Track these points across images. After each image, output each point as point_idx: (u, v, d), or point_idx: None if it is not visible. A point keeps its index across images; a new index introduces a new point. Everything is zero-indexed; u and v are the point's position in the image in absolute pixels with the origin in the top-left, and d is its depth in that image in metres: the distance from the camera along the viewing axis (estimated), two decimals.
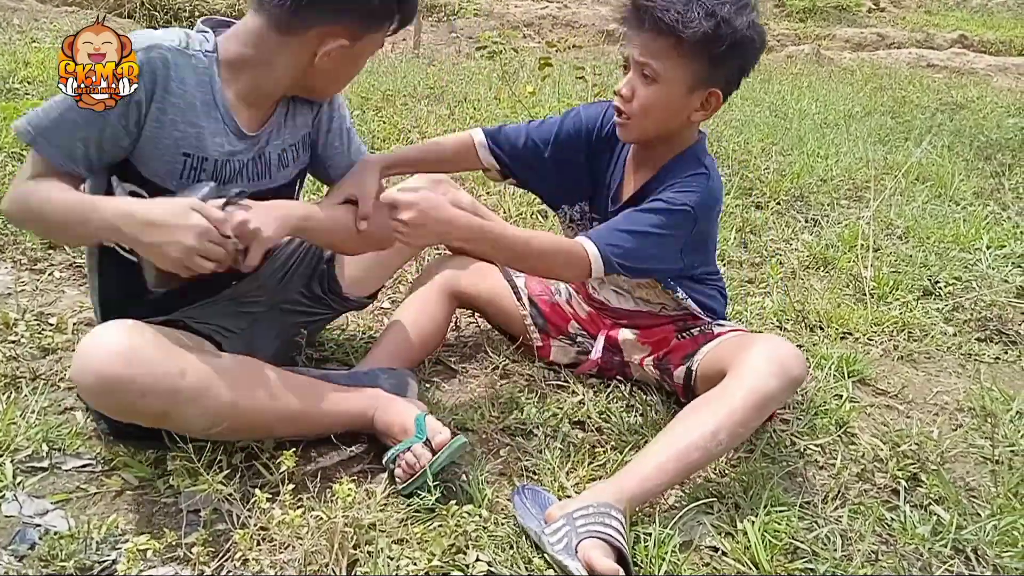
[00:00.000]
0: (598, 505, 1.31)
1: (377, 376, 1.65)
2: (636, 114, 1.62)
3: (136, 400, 1.26)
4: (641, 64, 1.58)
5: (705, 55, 1.54)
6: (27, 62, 4.17)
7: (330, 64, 1.47)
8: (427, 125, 4.06)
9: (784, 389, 1.51)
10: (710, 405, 1.49)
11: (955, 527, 1.45)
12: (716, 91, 1.61)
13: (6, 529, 1.28)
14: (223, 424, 1.36)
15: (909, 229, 3.27)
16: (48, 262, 2.28)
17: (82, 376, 1.27)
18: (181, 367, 1.30)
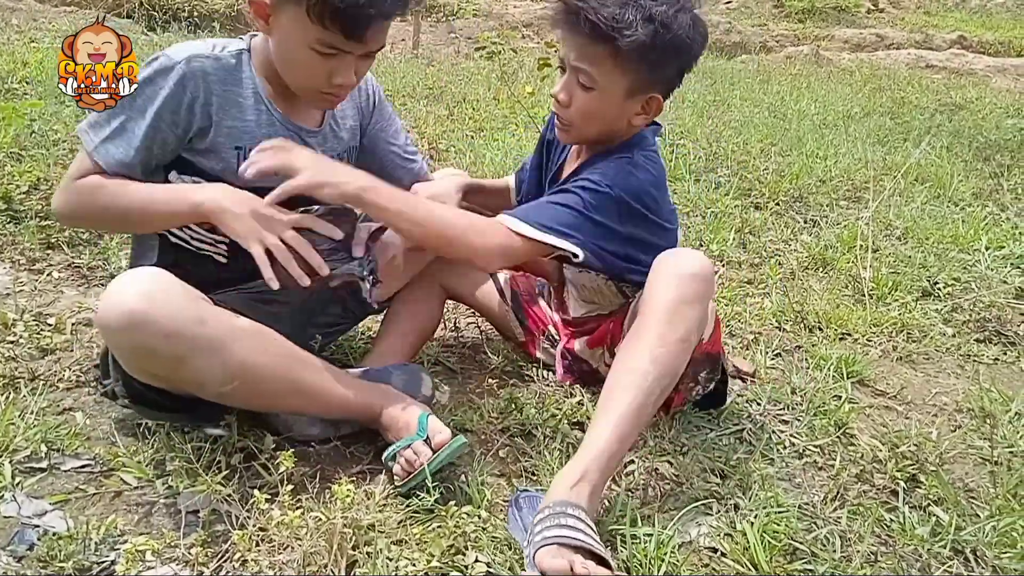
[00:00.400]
0: (554, 505, 1.27)
1: (390, 373, 1.66)
2: (575, 120, 1.60)
3: (158, 342, 1.27)
4: (577, 70, 1.54)
5: (643, 62, 1.49)
6: (25, 62, 4.16)
7: (267, 32, 1.47)
8: (426, 125, 4.06)
9: (685, 287, 1.44)
10: (626, 345, 1.45)
11: (954, 528, 1.45)
12: (656, 96, 1.58)
13: (5, 530, 1.28)
14: (235, 382, 1.35)
15: (908, 230, 3.28)
16: (47, 262, 2.28)
17: (107, 313, 1.29)
18: (202, 315, 1.32)
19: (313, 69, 1.46)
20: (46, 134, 2.96)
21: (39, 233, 2.36)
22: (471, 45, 7.59)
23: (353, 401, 1.53)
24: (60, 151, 2.80)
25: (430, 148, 3.73)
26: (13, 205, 2.45)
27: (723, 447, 1.69)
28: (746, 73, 7.23)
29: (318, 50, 1.42)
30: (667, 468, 1.59)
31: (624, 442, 1.38)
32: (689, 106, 5.20)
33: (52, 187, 2.53)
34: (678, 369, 1.46)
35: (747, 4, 11.28)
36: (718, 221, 3.15)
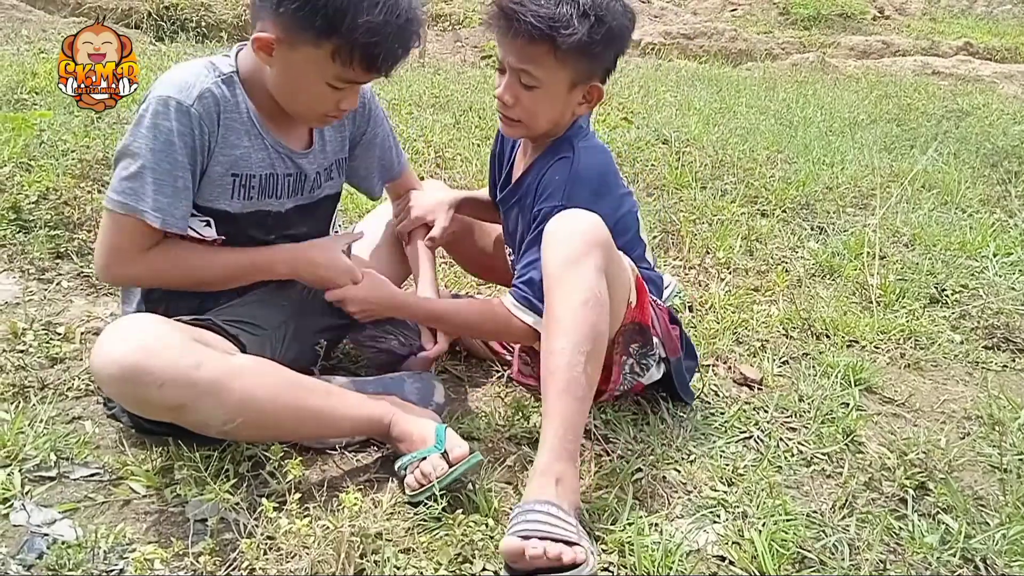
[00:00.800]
0: (521, 505, 1.30)
1: (403, 382, 1.67)
2: (523, 118, 1.64)
3: (154, 391, 1.28)
4: (518, 71, 1.57)
5: (582, 55, 1.54)
6: (35, 72, 4.18)
7: (271, 64, 1.46)
8: (432, 133, 4.06)
9: (565, 245, 1.43)
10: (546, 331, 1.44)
11: (963, 536, 1.45)
12: (597, 84, 1.63)
13: (14, 538, 1.28)
14: (238, 420, 1.36)
15: (915, 236, 3.27)
16: (56, 272, 2.29)
17: (102, 365, 1.29)
18: (198, 360, 1.32)
19: (323, 100, 1.50)
20: (55, 144, 2.97)
21: (48, 243, 2.37)
22: (477, 54, 7.61)
23: (359, 420, 1.53)
24: (69, 161, 2.81)
25: (436, 156, 3.73)
26: (23, 215, 2.46)
27: (731, 455, 1.69)
28: (752, 80, 7.23)
29: (334, 85, 1.47)
30: (675, 475, 1.59)
31: (572, 423, 1.38)
32: (695, 113, 5.20)
33: (61, 197, 2.54)
34: (593, 332, 1.41)
35: (752, 12, 11.28)
36: (724, 228, 3.14)
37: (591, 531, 1.40)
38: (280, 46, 1.42)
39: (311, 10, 1.36)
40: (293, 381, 1.46)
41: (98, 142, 3.02)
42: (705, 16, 10.95)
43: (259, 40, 1.42)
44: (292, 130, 1.61)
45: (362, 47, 1.40)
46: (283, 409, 1.42)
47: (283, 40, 1.41)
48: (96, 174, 2.80)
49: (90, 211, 2.52)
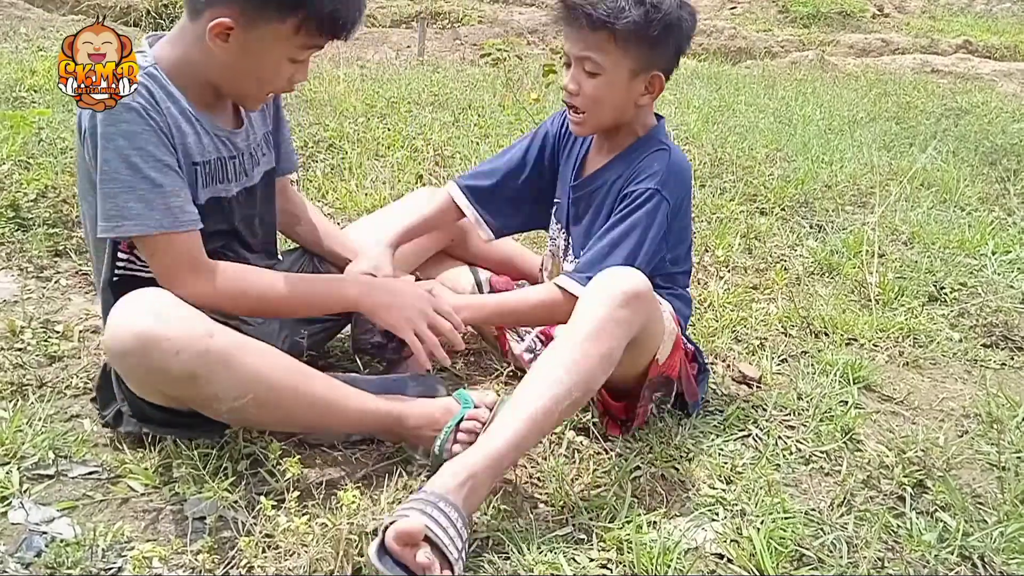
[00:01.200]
0: (428, 493, 1.26)
1: (405, 383, 1.65)
2: (587, 108, 1.69)
3: (170, 359, 1.28)
4: (582, 59, 1.65)
5: (641, 41, 1.61)
6: (34, 70, 4.18)
7: (224, 52, 1.42)
8: (431, 132, 4.06)
9: (614, 305, 1.45)
10: (547, 353, 1.46)
11: (962, 534, 1.45)
12: (658, 74, 1.68)
13: (12, 537, 1.28)
14: (248, 395, 1.34)
15: (914, 235, 3.27)
16: (54, 270, 2.29)
17: (116, 335, 1.29)
18: (210, 329, 1.32)
19: (279, 76, 1.49)
20: (54, 142, 2.97)
21: (47, 240, 2.37)
22: (476, 52, 7.60)
23: (368, 411, 1.51)
24: (68, 159, 2.81)
25: (436, 154, 3.73)
26: (21, 213, 2.46)
27: (729, 453, 1.69)
28: (751, 78, 7.23)
29: (293, 58, 1.47)
30: (673, 474, 1.59)
31: (521, 448, 1.39)
32: (694, 111, 5.20)
33: (60, 195, 2.54)
34: (594, 383, 1.46)
35: (752, 10, 11.29)
36: (723, 227, 3.15)
37: (590, 529, 1.40)
38: (238, 29, 1.39)
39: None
40: (303, 368, 1.45)
41: None
42: (704, 14, 10.94)
43: (217, 27, 1.39)
44: (220, 112, 1.58)
45: (328, 15, 1.41)
46: (293, 392, 1.41)
47: (241, 22, 1.39)
48: None
49: None
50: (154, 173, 1.38)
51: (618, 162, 1.76)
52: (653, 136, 1.76)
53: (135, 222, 1.38)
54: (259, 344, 1.41)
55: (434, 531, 1.19)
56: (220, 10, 1.39)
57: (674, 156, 1.72)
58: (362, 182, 3.24)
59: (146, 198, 1.38)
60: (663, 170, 1.68)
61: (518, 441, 1.36)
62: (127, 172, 1.37)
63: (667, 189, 1.66)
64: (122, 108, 1.36)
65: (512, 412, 1.38)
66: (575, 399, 1.42)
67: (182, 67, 1.47)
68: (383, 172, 3.39)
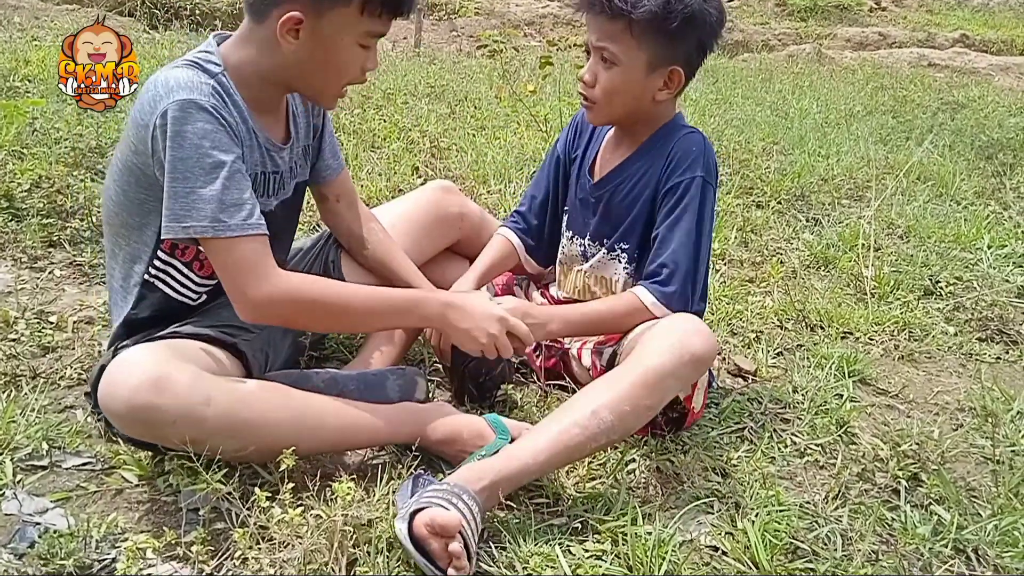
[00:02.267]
0: (452, 485, 1.28)
1: (386, 377, 1.63)
2: (600, 98, 1.67)
3: (166, 428, 1.27)
4: (599, 48, 1.63)
5: (660, 33, 1.57)
6: (28, 60, 4.16)
7: (297, 48, 1.41)
8: (428, 123, 4.05)
9: (681, 365, 1.45)
10: (599, 384, 1.46)
11: (956, 527, 1.45)
12: (677, 68, 1.64)
13: (6, 527, 1.28)
14: (251, 447, 1.35)
15: (910, 228, 3.27)
16: (48, 260, 2.28)
17: (111, 403, 1.28)
18: (207, 395, 1.29)
19: (353, 64, 1.48)
20: (48, 132, 2.95)
21: (41, 231, 2.36)
22: (473, 43, 7.58)
23: (380, 432, 1.50)
24: (62, 149, 2.80)
25: (432, 146, 3.72)
26: (15, 203, 2.45)
27: (724, 445, 1.69)
28: (748, 71, 7.22)
29: (363, 44, 1.46)
30: (668, 466, 1.59)
31: (545, 470, 1.41)
32: (691, 105, 5.19)
33: (54, 185, 2.53)
34: (633, 430, 1.49)
35: (749, 2, 11.26)
36: (720, 220, 3.14)
37: (585, 521, 1.40)
38: (308, 20, 1.39)
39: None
40: (308, 402, 1.43)
41: (91, 130, 3.01)
42: None
43: (288, 21, 1.38)
44: (274, 123, 1.58)
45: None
46: (298, 430, 1.39)
47: (310, 12, 1.38)
48: (89, 162, 2.79)
49: (83, 199, 2.51)
50: (229, 174, 1.36)
51: (641, 154, 1.73)
52: (675, 123, 1.74)
53: (207, 222, 1.34)
54: (261, 392, 1.39)
55: (466, 524, 1.21)
56: (287, 5, 1.38)
57: (706, 139, 1.70)
58: (358, 173, 3.23)
59: (220, 198, 1.35)
60: (701, 152, 1.65)
61: (545, 464, 1.38)
62: (202, 172, 1.33)
63: (710, 175, 1.66)
64: (196, 108, 1.33)
65: (547, 433, 1.39)
66: (610, 441, 1.44)
67: (249, 71, 1.46)
68: (379, 164, 3.38)
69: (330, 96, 1.56)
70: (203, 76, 1.40)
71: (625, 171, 1.75)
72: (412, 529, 1.21)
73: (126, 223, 1.49)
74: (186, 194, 1.33)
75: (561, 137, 1.96)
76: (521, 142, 3.88)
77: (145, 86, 1.40)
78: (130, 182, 1.45)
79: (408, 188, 3.07)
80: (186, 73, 1.38)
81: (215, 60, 1.44)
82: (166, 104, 1.33)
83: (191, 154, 1.33)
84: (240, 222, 1.36)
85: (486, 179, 3.29)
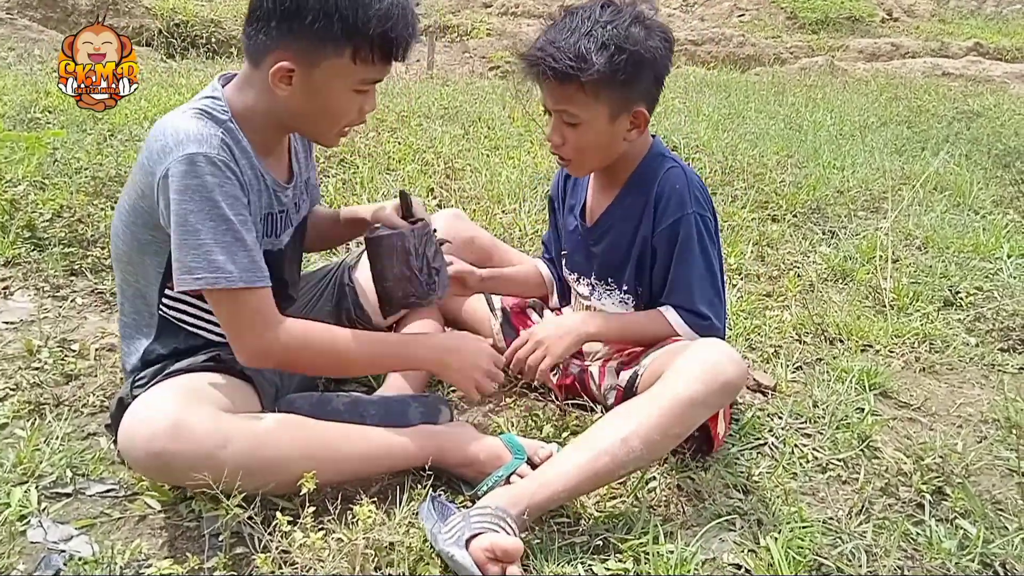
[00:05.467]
0: (495, 508, 1.30)
1: (408, 404, 1.62)
2: (573, 156, 1.68)
3: (185, 472, 1.28)
4: (559, 112, 1.62)
5: (614, 85, 1.55)
6: (48, 91, 4.23)
7: (291, 95, 1.42)
8: (442, 144, 4.08)
9: (712, 393, 1.44)
10: (628, 410, 1.46)
11: (982, 541, 1.44)
12: (640, 109, 1.63)
13: (32, 555, 1.29)
14: (271, 483, 1.36)
15: (928, 239, 3.25)
16: (70, 289, 2.30)
17: (131, 451, 1.30)
18: (225, 437, 1.30)
19: (349, 108, 1.49)
20: (68, 162, 3.00)
21: (63, 260, 2.39)
22: (485, 64, 7.64)
23: (399, 457, 1.50)
24: (82, 179, 2.84)
25: (446, 167, 3.74)
26: (37, 233, 2.49)
27: (745, 462, 1.68)
28: (760, 85, 7.22)
29: (359, 89, 1.47)
30: (689, 484, 1.59)
31: (573, 495, 1.42)
32: (704, 119, 5.20)
33: (75, 214, 2.56)
34: (662, 456, 1.52)
35: (760, 16, 11.28)
36: (735, 235, 3.14)
37: (606, 539, 1.39)
38: (299, 69, 1.40)
39: (326, 18, 1.36)
40: (323, 433, 1.44)
41: (111, 159, 3.05)
42: (712, 22, 10.95)
43: (279, 71, 1.39)
44: (277, 164, 1.59)
45: (379, 38, 1.40)
46: (319, 462, 1.39)
47: (302, 62, 1.39)
48: (109, 191, 2.82)
49: (103, 228, 2.54)
50: (239, 227, 1.37)
51: (627, 193, 1.74)
52: (654, 155, 1.73)
53: (216, 275, 1.35)
54: (279, 430, 1.39)
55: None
56: (278, 54, 1.40)
57: (688, 171, 1.69)
58: (374, 196, 3.25)
59: (230, 251, 1.36)
60: (684, 187, 1.65)
61: (574, 490, 1.40)
62: (212, 224, 1.34)
63: (700, 206, 1.65)
64: (206, 160, 1.34)
65: (577, 460, 1.39)
66: (638, 467, 1.45)
67: (250, 114, 1.48)
68: (394, 186, 3.40)
69: (329, 137, 1.56)
70: (212, 127, 1.40)
71: (615, 213, 1.77)
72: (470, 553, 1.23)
73: (132, 260, 1.51)
74: (196, 246, 1.35)
75: (552, 184, 1.99)
76: (535, 161, 3.89)
77: (154, 132, 1.41)
78: (136, 223, 1.47)
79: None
80: (196, 124, 1.39)
81: (222, 106, 1.45)
82: (176, 156, 1.34)
83: (199, 207, 1.34)
84: (244, 274, 1.37)
85: (500, 199, 3.30)
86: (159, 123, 1.41)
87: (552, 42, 1.56)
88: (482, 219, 3.04)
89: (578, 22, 1.56)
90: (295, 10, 1.36)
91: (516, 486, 1.40)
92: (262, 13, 1.39)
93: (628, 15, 1.56)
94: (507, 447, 1.52)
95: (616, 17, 1.55)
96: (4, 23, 6.43)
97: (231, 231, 1.36)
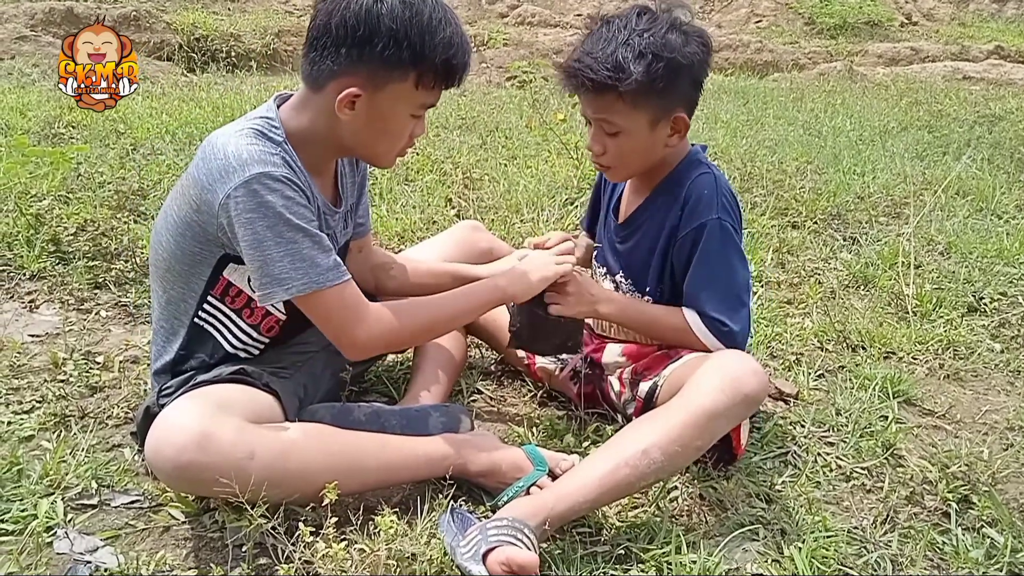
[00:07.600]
0: (512, 520, 1.30)
1: (429, 414, 1.63)
2: (614, 163, 1.68)
3: (211, 484, 1.29)
4: (598, 121, 1.62)
5: (652, 93, 1.55)
6: (71, 107, 4.29)
7: (353, 119, 1.45)
8: (460, 155, 4.09)
9: (734, 405, 1.43)
10: (649, 421, 1.46)
11: (1009, 550, 1.42)
12: (679, 115, 1.62)
13: (58, 566, 1.30)
14: (295, 494, 1.37)
15: (951, 245, 3.22)
16: (94, 301, 2.33)
17: (157, 462, 1.32)
18: (251, 449, 1.32)
19: (404, 133, 1.53)
20: (92, 177, 3.04)
21: (87, 273, 2.42)
22: (502, 74, 7.66)
23: (423, 467, 1.51)
24: (106, 193, 2.87)
25: (464, 177, 3.75)
26: (62, 247, 2.52)
27: (768, 471, 1.67)
28: (779, 91, 7.19)
29: (416, 114, 1.51)
30: (711, 493, 1.58)
31: (594, 507, 1.42)
32: (722, 126, 5.19)
33: (99, 228, 2.59)
34: (682, 467, 1.51)
35: (778, 22, 11.24)
36: (755, 241, 3.12)
37: (628, 549, 1.39)
38: (365, 94, 1.43)
39: (396, 45, 1.39)
40: (351, 442, 1.46)
41: (133, 173, 3.09)
42: (730, 28, 10.92)
43: (346, 97, 1.42)
44: (326, 187, 1.62)
45: (443, 64, 1.44)
46: (344, 472, 1.40)
47: (368, 86, 1.42)
48: (132, 205, 2.86)
49: (127, 241, 2.57)
50: (315, 231, 1.42)
51: (659, 194, 1.73)
52: (690, 161, 1.72)
53: (305, 280, 1.40)
54: (304, 441, 1.40)
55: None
56: (345, 80, 1.42)
57: (720, 177, 1.68)
58: (393, 207, 3.27)
59: (311, 255, 1.40)
60: (714, 193, 1.64)
61: (595, 501, 1.40)
62: (289, 236, 1.38)
63: (726, 212, 1.64)
64: (272, 179, 1.38)
65: (598, 472, 1.40)
66: (659, 479, 1.45)
67: (307, 136, 1.50)
68: (413, 196, 3.42)
69: (385, 159, 1.59)
70: (271, 146, 1.43)
71: (645, 212, 1.76)
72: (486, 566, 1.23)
73: (173, 269, 1.53)
74: (280, 258, 1.38)
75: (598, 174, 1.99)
76: (552, 170, 3.90)
77: (211, 150, 1.42)
78: (186, 236, 1.48)
79: (442, 219, 3.10)
80: (255, 144, 1.41)
81: (277, 127, 1.48)
82: (242, 177, 1.36)
83: (276, 222, 1.37)
84: (332, 274, 1.42)
85: (519, 208, 3.31)
86: (214, 140, 1.43)
87: (589, 52, 1.56)
88: (500, 229, 3.05)
89: (615, 31, 1.56)
90: (367, 37, 1.39)
91: (536, 497, 1.40)
92: (330, 40, 1.41)
93: (664, 22, 1.56)
94: (529, 458, 1.52)
95: (653, 25, 1.55)
96: (28, 40, 6.53)
97: (308, 236, 1.40)
